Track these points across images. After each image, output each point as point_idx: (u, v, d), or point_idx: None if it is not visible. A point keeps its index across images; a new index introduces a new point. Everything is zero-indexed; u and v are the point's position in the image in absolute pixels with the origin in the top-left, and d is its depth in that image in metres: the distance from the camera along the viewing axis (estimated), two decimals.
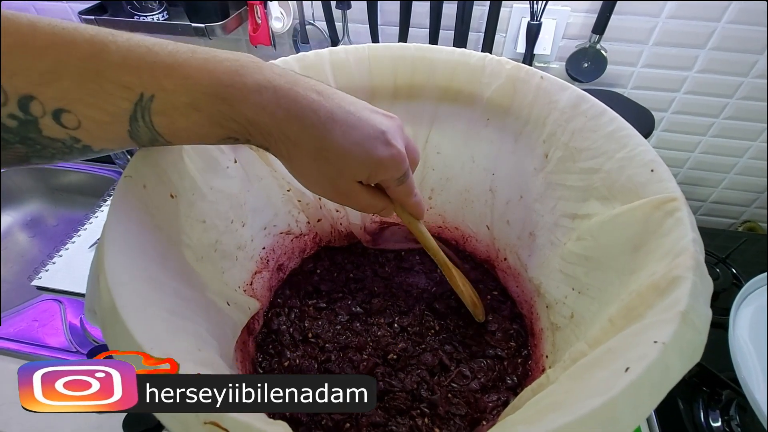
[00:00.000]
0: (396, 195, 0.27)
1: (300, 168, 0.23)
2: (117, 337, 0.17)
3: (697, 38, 0.56)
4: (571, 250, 0.32)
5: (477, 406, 0.35)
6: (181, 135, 0.20)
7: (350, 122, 0.23)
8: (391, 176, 0.25)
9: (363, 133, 0.23)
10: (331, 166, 0.23)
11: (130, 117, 0.19)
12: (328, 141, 0.22)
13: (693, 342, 0.17)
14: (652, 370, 0.16)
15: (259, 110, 0.20)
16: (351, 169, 0.23)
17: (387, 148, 0.24)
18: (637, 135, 0.27)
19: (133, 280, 0.20)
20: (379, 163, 0.24)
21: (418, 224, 0.32)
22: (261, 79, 0.20)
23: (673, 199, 0.22)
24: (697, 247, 0.20)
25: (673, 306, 0.18)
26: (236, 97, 0.20)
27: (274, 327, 0.41)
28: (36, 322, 0.55)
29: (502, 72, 0.35)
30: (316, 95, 0.22)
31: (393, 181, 0.26)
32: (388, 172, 0.25)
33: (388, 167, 0.24)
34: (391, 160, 0.24)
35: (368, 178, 0.25)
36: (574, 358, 0.24)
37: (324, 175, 0.23)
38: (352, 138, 0.23)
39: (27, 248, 0.77)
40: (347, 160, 0.23)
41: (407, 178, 0.26)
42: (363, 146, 0.23)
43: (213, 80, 0.19)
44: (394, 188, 0.27)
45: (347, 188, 0.24)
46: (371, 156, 0.23)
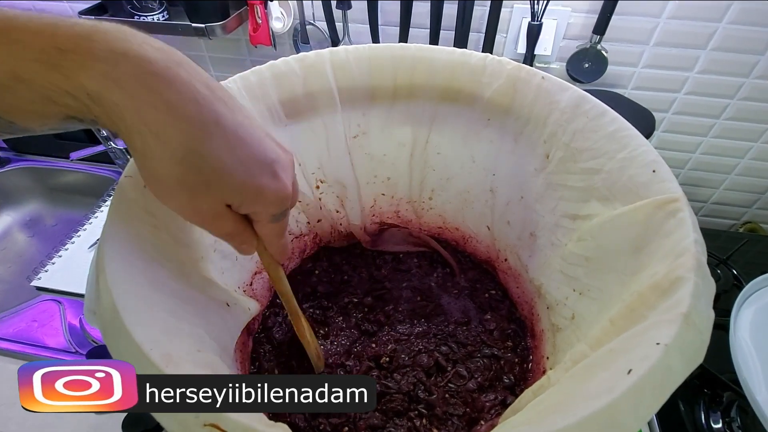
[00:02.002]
0: (264, 232, 0.23)
1: (154, 169, 0.18)
2: (116, 338, 0.17)
3: (698, 38, 0.56)
4: (571, 250, 0.32)
5: (474, 406, 0.35)
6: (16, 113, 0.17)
7: (239, 135, 0.19)
8: (268, 211, 0.21)
9: (250, 154, 0.19)
10: (199, 177, 0.18)
11: None
12: (206, 147, 0.18)
13: (695, 343, 0.17)
14: (654, 372, 0.16)
15: (106, 84, 0.16)
16: (224, 188, 0.19)
17: (274, 179, 0.20)
18: (638, 135, 0.27)
19: (132, 280, 0.19)
20: (259, 192, 0.20)
21: (278, 268, 0.28)
22: (120, 46, 0.16)
23: (675, 199, 0.22)
24: (699, 248, 0.20)
25: (675, 307, 0.18)
26: (74, 65, 0.16)
27: (270, 328, 0.41)
28: (35, 322, 0.55)
29: (503, 72, 0.35)
30: (204, 88, 0.18)
31: (268, 217, 0.22)
32: (267, 206, 0.21)
33: (268, 200, 0.21)
34: (275, 194, 0.21)
35: (240, 205, 0.20)
36: (575, 359, 0.24)
37: (184, 186, 0.18)
38: (237, 154, 0.19)
39: (26, 248, 0.77)
40: (223, 178, 0.19)
41: (284, 217, 0.23)
42: (247, 168, 0.19)
43: (48, 45, 0.16)
44: (265, 224, 0.22)
45: (211, 209, 0.20)
46: (254, 182, 0.20)
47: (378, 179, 0.44)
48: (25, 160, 0.79)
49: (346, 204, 0.44)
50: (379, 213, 0.47)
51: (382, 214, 0.47)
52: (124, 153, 0.65)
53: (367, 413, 0.34)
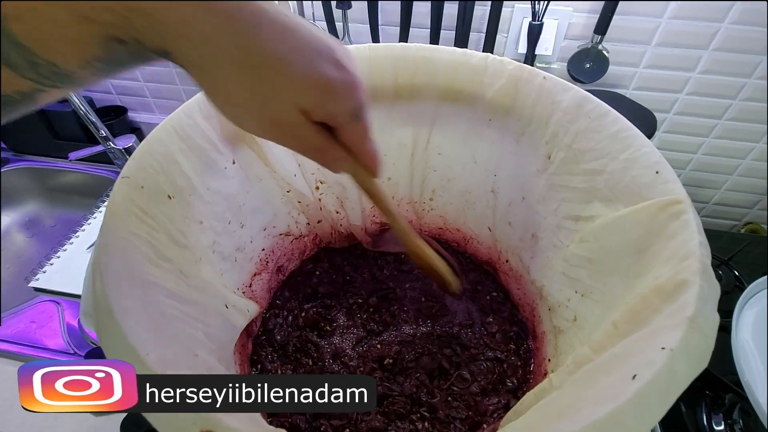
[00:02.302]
0: (350, 138, 0.21)
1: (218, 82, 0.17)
2: (112, 342, 0.17)
3: (699, 39, 0.56)
4: (574, 252, 0.32)
5: (477, 410, 0.35)
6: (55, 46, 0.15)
7: (285, 23, 0.17)
8: (343, 108, 0.19)
9: (304, 41, 0.17)
10: (263, 78, 0.17)
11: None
12: (259, 41, 0.16)
13: (700, 348, 0.17)
14: (659, 377, 0.15)
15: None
16: (291, 85, 0.17)
17: (338, 69, 0.18)
18: (641, 136, 0.27)
19: (129, 283, 0.19)
20: (328, 84, 0.18)
21: (373, 182, 0.26)
22: None
23: (679, 201, 0.22)
24: (704, 251, 0.20)
25: (680, 311, 0.17)
26: None
27: (271, 330, 0.41)
28: (33, 323, 0.55)
29: (504, 72, 0.34)
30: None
31: (346, 115, 0.19)
32: (339, 101, 0.19)
33: (339, 93, 0.18)
34: (344, 84, 0.18)
35: (314, 107, 0.18)
36: (578, 362, 0.24)
37: (251, 92, 0.17)
38: (290, 43, 0.17)
39: (25, 249, 0.77)
40: (285, 71, 0.17)
41: (364, 113, 0.20)
42: (306, 57, 0.17)
43: None
44: (347, 127, 0.20)
45: (286, 116, 0.18)
46: (317, 72, 0.17)
47: None
48: (23, 161, 0.79)
49: (346, 205, 0.44)
50: (379, 214, 0.47)
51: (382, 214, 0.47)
52: (123, 153, 0.65)
53: (368, 415, 0.34)
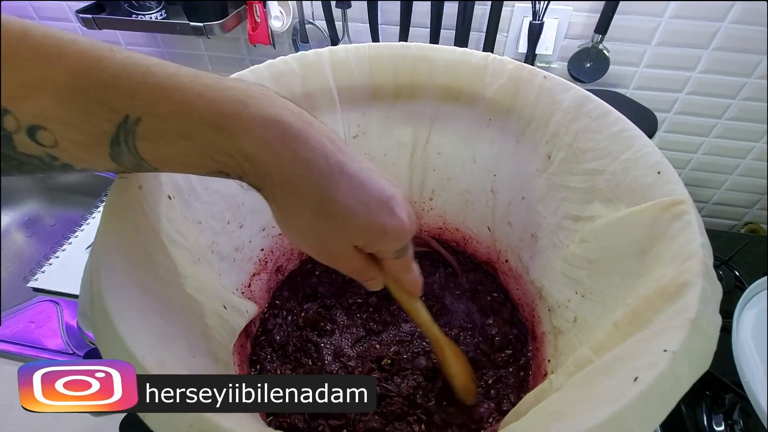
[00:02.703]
0: (391, 269, 0.25)
1: (293, 218, 0.20)
2: (109, 344, 0.17)
3: (700, 38, 0.56)
4: (574, 252, 0.31)
5: (472, 417, 0.35)
6: (167, 163, 0.19)
7: (360, 179, 0.21)
8: (390, 248, 0.23)
9: (370, 195, 0.21)
10: (329, 223, 0.20)
11: (111, 140, 0.17)
12: (334, 194, 0.20)
13: (703, 349, 0.17)
14: (661, 380, 0.15)
15: (260, 146, 0.18)
16: (351, 231, 0.21)
17: (392, 217, 0.22)
18: (642, 136, 0.27)
19: (126, 284, 0.19)
20: (382, 231, 0.21)
21: (413, 301, 0.30)
22: (270, 112, 0.18)
23: (681, 201, 0.22)
24: (706, 252, 0.20)
25: (682, 312, 0.17)
26: (236, 129, 0.18)
27: (270, 330, 0.40)
28: (32, 323, 0.55)
29: (505, 71, 0.34)
30: (329, 143, 0.20)
31: (391, 253, 0.23)
32: (389, 243, 0.22)
33: (390, 238, 0.22)
34: (395, 230, 0.22)
35: (366, 245, 0.22)
36: (578, 363, 0.24)
37: (318, 231, 0.21)
38: (360, 197, 0.20)
39: (24, 248, 0.77)
40: (349, 221, 0.20)
41: (407, 252, 0.24)
42: (369, 209, 0.21)
43: (212, 109, 0.17)
44: (390, 261, 0.24)
45: (340, 250, 0.22)
46: (375, 222, 0.21)
47: None
48: None
49: None
50: None
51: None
52: None
53: (366, 416, 0.34)
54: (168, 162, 0.18)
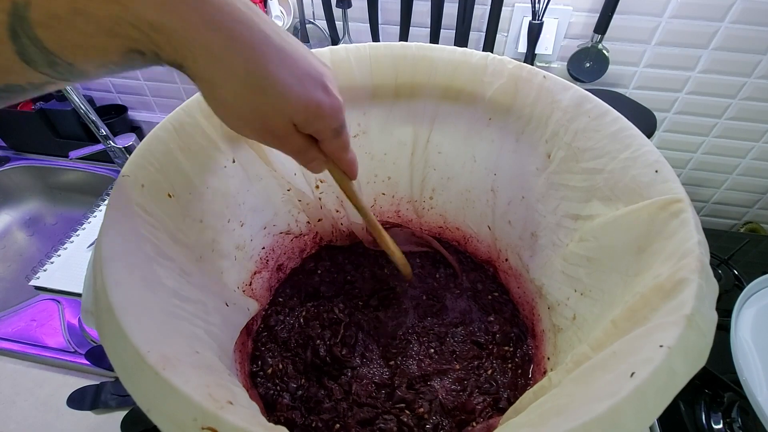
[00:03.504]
0: (331, 149, 0.25)
1: (224, 94, 0.19)
2: (113, 340, 0.17)
3: (700, 38, 0.56)
4: (573, 251, 0.32)
5: (465, 408, 0.35)
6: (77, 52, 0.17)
7: (288, 53, 0.19)
8: (328, 125, 0.22)
9: (302, 69, 0.20)
10: (266, 98, 0.19)
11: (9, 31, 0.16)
12: (264, 67, 0.19)
13: (699, 345, 0.17)
14: (657, 375, 0.15)
15: (164, 11, 0.16)
16: (289, 106, 0.20)
17: (327, 94, 0.21)
18: (640, 135, 0.27)
19: (129, 281, 0.19)
20: (318, 107, 0.21)
21: (350, 184, 0.30)
22: None
23: (678, 200, 0.22)
24: (703, 249, 0.20)
25: (678, 309, 0.17)
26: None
27: (272, 327, 0.41)
28: (34, 321, 0.55)
29: (504, 71, 0.34)
30: (245, 8, 0.18)
31: (329, 132, 0.23)
32: (326, 120, 0.22)
33: (326, 115, 0.22)
34: (331, 107, 0.22)
35: (304, 123, 0.22)
36: (576, 360, 0.24)
37: (255, 109, 0.20)
38: (292, 71, 0.19)
39: (26, 247, 0.77)
40: (286, 95, 0.20)
41: (344, 130, 0.24)
42: (303, 84, 0.20)
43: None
44: (329, 141, 0.24)
45: (282, 127, 0.21)
46: (312, 97, 0.20)
47: (378, 178, 0.44)
48: (24, 159, 0.79)
49: (347, 204, 0.44)
50: (379, 212, 0.47)
51: (382, 213, 0.47)
52: (123, 152, 0.65)
53: (359, 408, 0.34)
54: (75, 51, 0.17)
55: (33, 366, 0.51)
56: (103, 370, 0.48)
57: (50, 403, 0.48)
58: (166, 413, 0.16)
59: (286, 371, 0.37)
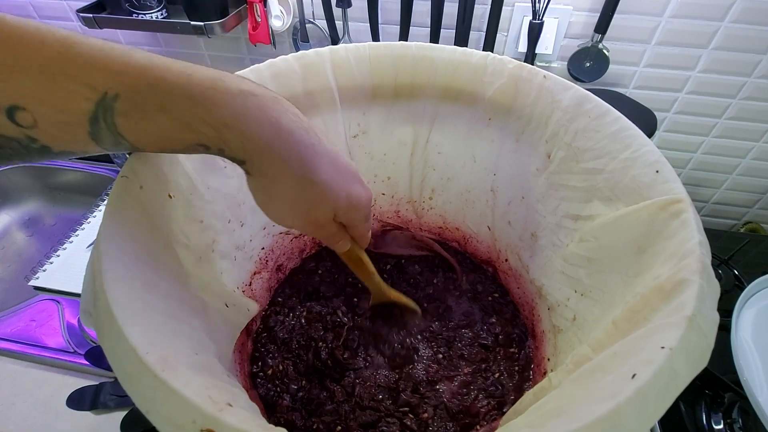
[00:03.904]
0: (358, 232, 0.28)
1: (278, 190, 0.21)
2: (112, 340, 0.17)
3: (700, 37, 0.56)
4: (573, 251, 0.32)
5: (469, 411, 0.35)
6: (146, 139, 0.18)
7: (332, 154, 0.22)
8: (361, 215, 0.25)
9: (343, 167, 0.23)
10: (315, 192, 0.22)
11: (90, 117, 0.17)
12: (317, 167, 0.21)
13: (700, 347, 0.17)
14: (659, 376, 0.15)
15: (240, 115, 0.19)
16: (333, 201, 0.23)
17: (363, 187, 0.24)
18: (641, 135, 0.27)
19: (129, 282, 0.19)
20: (357, 201, 0.24)
21: (363, 252, 0.33)
22: (245, 86, 0.19)
23: (679, 200, 0.22)
24: (704, 250, 0.20)
25: (679, 310, 0.17)
26: (215, 100, 0.18)
27: (272, 328, 0.41)
28: (33, 322, 0.55)
29: (504, 71, 0.34)
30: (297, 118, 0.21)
31: (361, 219, 0.26)
32: (360, 210, 0.25)
33: (361, 206, 0.24)
34: (367, 200, 0.25)
35: (343, 213, 0.24)
36: (577, 361, 0.24)
37: (303, 203, 0.22)
38: (337, 168, 0.22)
39: (25, 247, 0.77)
40: (331, 192, 0.22)
41: (370, 215, 0.27)
42: (346, 180, 0.23)
43: (190, 82, 0.18)
44: (359, 226, 0.27)
45: (323, 220, 0.24)
46: (352, 191, 0.23)
47: (378, 179, 0.44)
48: None
49: None
50: (378, 213, 0.47)
51: (381, 214, 0.47)
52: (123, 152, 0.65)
53: (362, 411, 0.34)
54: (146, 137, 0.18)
55: (32, 366, 0.51)
56: (102, 370, 0.48)
57: (49, 403, 0.48)
58: (165, 415, 0.16)
59: (286, 372, 0.36)
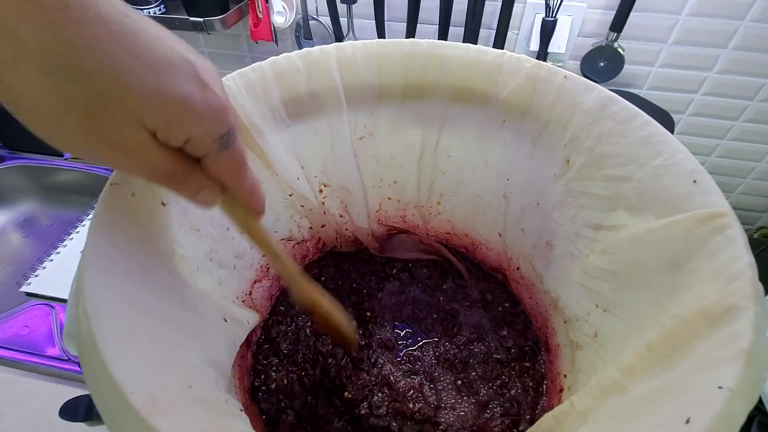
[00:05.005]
0: (219, 170, 0.17)
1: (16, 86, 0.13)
2: (95, 375, 0.15)
3: (718, 37, 0.53)
4: (595, 263, 0.30)
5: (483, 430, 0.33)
6: None
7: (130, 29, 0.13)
8: (206, 132, 0.16)
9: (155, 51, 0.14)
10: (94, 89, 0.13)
11: None
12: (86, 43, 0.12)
13: (759, 384, 0.15)
14: (718, 423, 0.13)
15: None
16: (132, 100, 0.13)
17: (199, 86, 0.15)
18: (675, 141, 0.25)
19: (116, 303, 0.17)
20: (184, 102, 0.14)
21: (255, 222, 0.21)
22: None
23: (723, 214, 0.20)
24: (755, 272, 0.18)
25: (733, 341, 0.15)
26: None
27: (274, 339, 0.39)
28: (26, 328, 0.53)
29: (521, 70, 0.32)
30: None
31: (210, 142, 0.16)
32: (201, 124, 0.15)
33: (201, 115, 0.15)
34: (207, 104, 0.15)
35: (167, 128, 0.15)
36: (605, 386, 0.22)
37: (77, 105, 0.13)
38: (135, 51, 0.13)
39: (20, 249, 0.75)
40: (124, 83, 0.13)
41: (234, 142, 0.17)
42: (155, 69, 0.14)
43: None
44: (214, 156, 0.16)
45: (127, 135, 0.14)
46: (172, 90, 0.14)
47: (384, 183, 0.42)
48: (19, 159, 0.77)
49: (351, 209, 0.42)
50: (384, 218, 0.45)
51: (387, 218, 0.45)
52: None
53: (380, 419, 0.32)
54: None
55: (25, 375, 0.49)
56: None
57: (42, 414, 0.46)
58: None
59: (291, 387, 0.35)
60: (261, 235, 0.22)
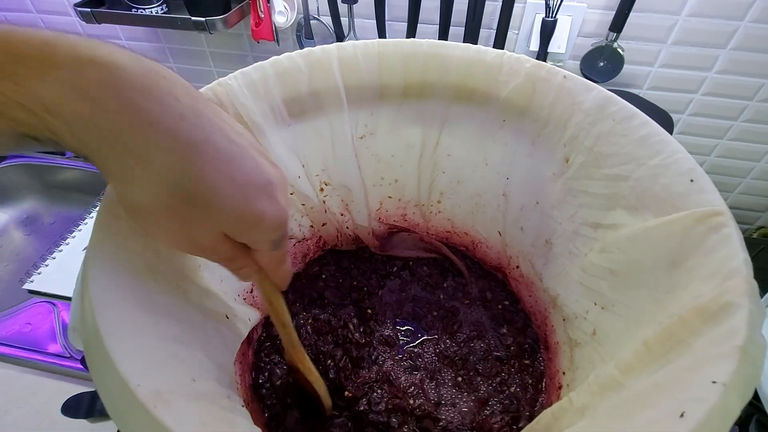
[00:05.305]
0: (266, 261, 0.21)
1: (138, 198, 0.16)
2: (100, 369, 0.15)
3: (718, 37, 0.54)
4: (593, 262, 0.30)
5: (482, 428, 0.33)
6: None
7: (231, 154, 0.16)
8: (266, 237, 0.19)
9: (246, 174, 0.17)
10: (192, 205, 0.16)
11: None
12: (200, 169, 0.15)
13: (752, 379, 0.15)
14: (712, 417, 0.14)
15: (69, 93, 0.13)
16: (222, 217, 0.17)
17: (271, 203, 0.18)
18: (673, 141, 0.25)
19: (121, 298, 0.18)
20: (258, 219, 0.18)
21: (279, 297, 0.26)
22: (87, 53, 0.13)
23: (719, 213, 0.20)
24: (750, 270, 0.18)
25: (728, 338, 0.16)
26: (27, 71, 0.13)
27: (275, 336, 0.39)
28: (29, 325, 0.54)
29: (521, 70, 0.33)
30: (188, 98, 0.15)
31: (266, 244, 0.20)
32: (265, 233, 0.19)
33: (266, 227, 0.18)
34: (274, 219, 0.18)
35: (238, 234, 0.18)
36: (602, 383, 0.22)
37: (180, 217, 0.16)
38: (233, 176, 0.16)
39: (23, 247, 0.75)
40: (219, 206, 0.16)
41: (284, 241, 0.21)
42: (245, 192, 0.17)
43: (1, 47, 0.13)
44: (265, 252, 0.20)
45: (209, 240, 0.18)
46: (252, 209, 0.17)
47: (385, 181, 0.42)
48: (21, 157, 0.78)
49: (352, 207, 0.42)
50: (385, 216, 0.45)
51: (388, 217, 0.46)
52: None
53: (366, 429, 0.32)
54: None
55: (27, 372, 0.50)
56: None
57: (44, 411, 0.46)
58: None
59: (293, 384, 0.35)
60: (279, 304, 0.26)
